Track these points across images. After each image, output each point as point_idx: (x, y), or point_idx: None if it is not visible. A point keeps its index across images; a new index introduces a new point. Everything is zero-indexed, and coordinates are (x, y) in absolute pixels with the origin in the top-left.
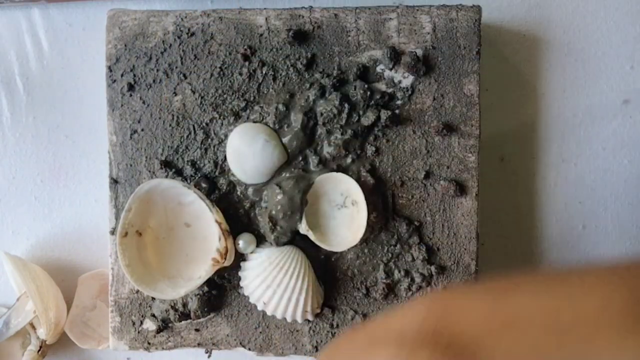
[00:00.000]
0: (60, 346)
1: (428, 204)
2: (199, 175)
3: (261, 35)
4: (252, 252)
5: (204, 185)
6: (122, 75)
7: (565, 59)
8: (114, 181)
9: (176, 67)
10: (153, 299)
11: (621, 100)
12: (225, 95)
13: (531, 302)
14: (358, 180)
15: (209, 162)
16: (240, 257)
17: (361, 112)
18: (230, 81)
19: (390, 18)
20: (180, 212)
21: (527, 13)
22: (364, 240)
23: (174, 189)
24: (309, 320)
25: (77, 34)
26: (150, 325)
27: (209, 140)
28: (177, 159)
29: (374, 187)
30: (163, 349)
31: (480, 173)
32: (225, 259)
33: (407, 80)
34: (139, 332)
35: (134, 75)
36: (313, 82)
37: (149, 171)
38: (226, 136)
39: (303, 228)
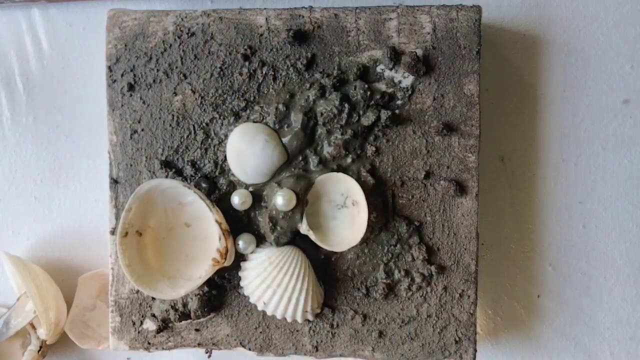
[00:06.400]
0: (60, 346)
1: (428, 204)
2: (199, 175)
3: (261, 35)
4: (252, 252)
5: (204, 185)
6: (122, 75)
7: (565, 59)
8: (114, 181)
9: (176, 67)
10: (153, 299)
11: (621, 100)
12: (225, 95)
13: None
14: (358, 180)
15: (209, 162)
16: (240, 257)
17: (361, 112)
18: (230, 81)
19: (390, 18)
20: (180, 212)
21: (527, 13)
22: (364, 240)
23: (174, 189)
24: (309, 320)
25: (77, 34)
26: (150, 325)
27: (209, 140)
28: (177, 159)
29: (374, 187)
30: (163, 349)
31: (480, 173)
32: (225, 259)
33: (407, 80)
34: (139, 332)
35: (134, 75)
36: (313, 82)
37: (149, 171)
38: (226, 136)
39: (304, 228)
